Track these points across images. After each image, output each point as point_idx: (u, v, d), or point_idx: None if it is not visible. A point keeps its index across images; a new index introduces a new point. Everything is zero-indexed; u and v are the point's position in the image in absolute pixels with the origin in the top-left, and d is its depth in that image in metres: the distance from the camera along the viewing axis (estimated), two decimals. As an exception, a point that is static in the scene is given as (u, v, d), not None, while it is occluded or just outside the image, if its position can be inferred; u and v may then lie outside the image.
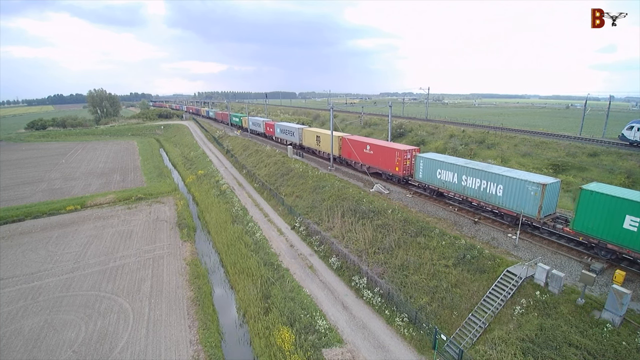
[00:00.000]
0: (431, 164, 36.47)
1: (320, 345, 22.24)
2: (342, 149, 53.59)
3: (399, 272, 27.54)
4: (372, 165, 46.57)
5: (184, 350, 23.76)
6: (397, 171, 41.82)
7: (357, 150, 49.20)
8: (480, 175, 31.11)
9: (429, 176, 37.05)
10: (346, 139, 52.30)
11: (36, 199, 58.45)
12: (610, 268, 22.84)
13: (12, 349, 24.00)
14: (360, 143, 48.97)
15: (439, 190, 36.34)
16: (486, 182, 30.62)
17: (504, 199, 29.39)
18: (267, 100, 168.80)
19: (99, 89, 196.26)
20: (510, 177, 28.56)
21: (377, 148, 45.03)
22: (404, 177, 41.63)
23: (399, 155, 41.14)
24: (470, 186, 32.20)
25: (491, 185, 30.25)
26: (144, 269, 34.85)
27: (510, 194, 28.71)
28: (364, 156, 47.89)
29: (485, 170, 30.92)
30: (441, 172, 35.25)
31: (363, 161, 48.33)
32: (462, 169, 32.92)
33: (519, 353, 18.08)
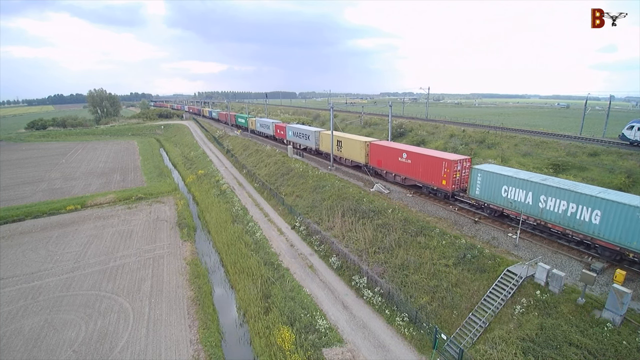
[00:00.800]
0: (494, 178, 30.21)
1: (321, 344, 22.23)
2: (370, 157, 47.38)
3: (399, 271, 27.53)
4: (410, 176, 40.08)
5: (184, 349, 23.75)
6: (444, 185, 35.41)
7: (389, 158, 43.29)
8: (567, 196, 25.02)
9: (489, 193, 30.78)
10: (375, 144, 46.53)
11: (36, 198, 58.46)
12: (611, 267, 22.84)
13: (12, 348, 23.99)
14: (394, 150, 42.36)
15: (504, 211, 30.07)
16: (575, 205, 24.61)
17: (601, 228, 23.32)
18: (267, 100, 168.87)
19: (99, 89, 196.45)
20: (612, 201, 22.56)
21: (418, 157, 38.65)
22: (452, 192, 35.23)
23: (447, 166, 34.69)
24: (552, 209, 26.14)
25: (583, 210, 24.20)
26: (144, 268, 34.84)
27: (612, 221, 22.76)
28: (399, 166, 41.47)
29: (574, 190, 24.73)
30: (508, 190, 28.95)
31: (397, 171, 41.99)
32: (540, 187, 26.71)
33: (520, 352, 18.07)
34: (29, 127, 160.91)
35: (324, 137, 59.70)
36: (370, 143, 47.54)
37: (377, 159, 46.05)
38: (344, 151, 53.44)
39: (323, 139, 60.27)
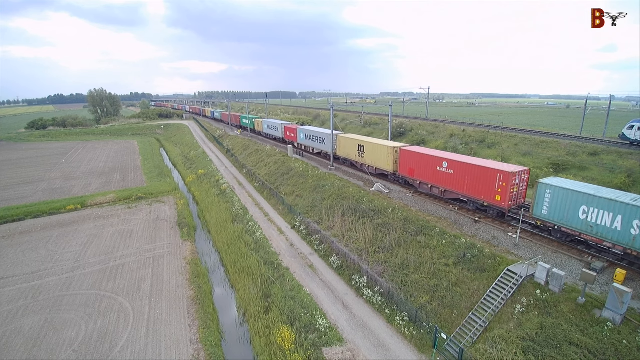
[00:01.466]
0: (568, 196, 24.89)
1: (321, 344, 22.23)
2: (400, 165, 41.68)
3: (399, 271, 27.52)
4: (452, 189, 34.79)
5: (184, 349, 23.76)
6: (498, 201, 30.02)
7: (425, 167, 37.66)
8: None
9: (561, 214, 25.47)
10: (407, 151, 40.58)
11: (36, 198, 58.47)
12: (611, 267, 22.82)
13: (12, 348, 24.01)
14: (431, 158, 36.84)
15: (580, 236, 24.81)
16: None
17: None
18: (267, 100, 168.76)
19: (99, 89, 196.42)
20: None
21: (463, 167, 33.07)
22: (509, 209, 29.97)
23: (503, 179, 29.22)
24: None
25: None
26: (144, 268, 34.84)
27: None
28: (437, 176, 36.10)
29: None
30: (588, 211, 23.72)
31: (435, 182, 36.54)
32: (633, 210, 21.39)
33: (520, 352, 18.06)
34: (29, 127, 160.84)
35: (343, 142, 53.83)
36: (400, 149, 41.53)
37: (409, 168, 40.15)
38: (367, 157, 47.62)
39: (342, 143, 54.30)
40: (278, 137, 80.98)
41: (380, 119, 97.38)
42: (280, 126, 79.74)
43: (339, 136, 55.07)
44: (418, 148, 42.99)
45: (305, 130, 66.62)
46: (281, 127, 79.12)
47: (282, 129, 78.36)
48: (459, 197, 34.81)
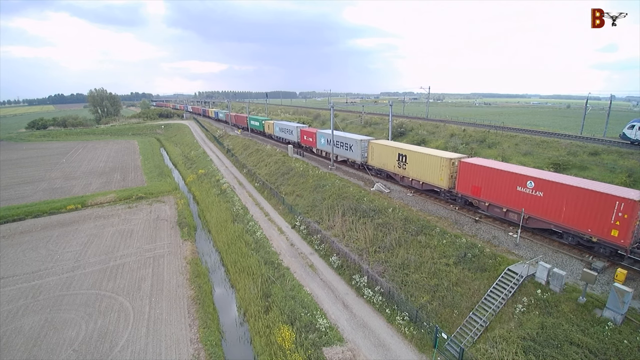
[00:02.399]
0: None
1: (321, 343, 22.20)
2: (459, 181, 33.74)
3: (400, 270, 27.49)
4: (541, 216, 26.96)
5: (185, 348, 23.74)
6: (615, 237, 22.53)
7: (498, 185, 29.80)
8: None
9: None
10: (469, 164, 32.45)
11: (37, 198, 58.48)
12: (612, 267, 22.78)
13: (13, 347, 24.00)
14: (508, 175, 28.87)
15: None
16: None
17: None
18: (268, 100, 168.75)
19: (100, 89, 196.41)
20: None
21: (560, 189, 25.42)
22: (630, 248, 22.46)
23: (625, 209, 21.75)
24: None
25: None
26: (144, 267, 34.84)
27: None
28: (518, 199, 28.12)
29: None
30: None
31: (514, 206, 28.54)
32: None
33: (520, 351, 18.03)
34: (30, 126, 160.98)
35: (378, 150, 45.92)
36: (460, 161, 33.57)
37: (473, 185, 32.28)
38: (411, 169, 40.02)
39: (375, 151, 46.45)
40: (293, 142, 72.81)
41: (380, 118, 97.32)
42: (295, 129, 71.41)
43: (372, 143, 47.45)
44: (486, 161, 34.22)
45: (328, 135, 58.10)
46: (297, 130, 70.95)
47: (298, 133, 70.29)
48: (550, 226, 26.78)
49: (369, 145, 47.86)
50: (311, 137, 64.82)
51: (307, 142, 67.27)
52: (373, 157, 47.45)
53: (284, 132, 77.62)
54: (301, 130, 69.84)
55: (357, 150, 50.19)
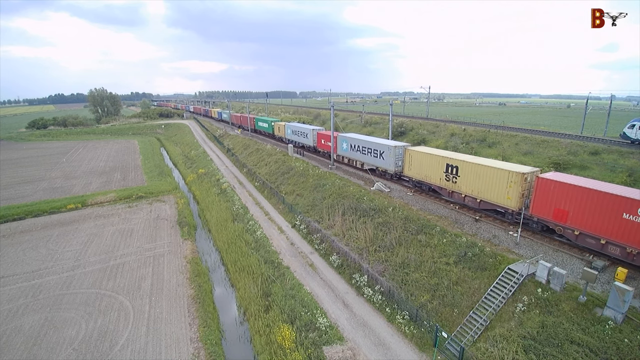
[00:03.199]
0: None
1: (321, 342, 22.18)
2: (535, 201, 27.18)
3: (400, 270, 27.46)
4: None
5: (185, 347, 23.72)
6: None
7: (596, 210, 23.34)
8: None
9: None
10: (549, 180, 26.02)
11: (37, 197, 58.47)
12: (612, 266, 22.75)
13: (12, 346, 23.97)
14: (612, 198, 22.43)
15: None
16: None
17: None
18: (268, 100, 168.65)
19: (100, 89, 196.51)
20: None
21: None
22: None
23: None
24: None
25: None
26: (144, 267, 34.82)
27: None
28: (624, 228, 21.91)
29: None
30: None
31: (621, 239, 22.29)
32: None
33: (521, 350, 18.00)
34: (30, 126, 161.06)
35: (418, 158, 38.89)
36: (537, 177, 26.92)
37: (555, 207, 25.73)
38: (463, 183, 33.31)
39: (415, 160, 39.31)
40: (309, 146, 67.39)
41: (380, 118, 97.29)
42: (310, 132, 65.09)
43: (410, 150, 40.15)
44: (574, 178, 27.01)
45: (352, 140, 51.67)
46: (312, 133, 64.60)
47: (314, 136, 64.32)
48: None
49: (406, 152, 40.74)
50: (330, 141, 57.39)
51: (324, 147, 60.63)
52: (411, 166, 40.08)
53: (298, 135, 70.87)
54: (318, 133, 63.52)
55: (389, 158, 43.38)
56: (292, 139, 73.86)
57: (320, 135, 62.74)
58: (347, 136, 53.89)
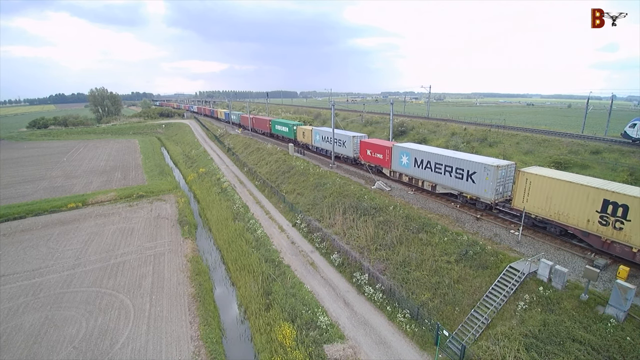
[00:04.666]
0: None
1: (322, 341, 22.15)
2: None
3: (401, 268, 27.41)
4: None
5: (185, 346, 23.69)
6: None
7: None
8: None
9: None
10: None
11: (37, 196, 58.49)
12: (614, 264, 22.67)
13: (13, 344, 23.96)
14: None
15: None
16: None
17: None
18: (269, 100, 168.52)
19: (101, 88, 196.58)
20: None
21: None
22: None
23: None
24: None
25: None
26: (145, 265, 34.79)
27: None
28: None
29: None
30: None
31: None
32: None
33: (522, 349, 17.92)
34: (31, 126, 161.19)
35: (539, 184, 26.48)
36: None
37: None
38: (637, 231, 21.54)
39: (534, 186, 26.83)
40: (345, 157, 54.82)
41: (381, 117, 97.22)
42: (350, 140, 51.85)
43: (526, 174, 27.32)
44: None
45: (418, 153, 38.37)
46: (353, 141, 51.38)
47: (356, 146, 51.26)
48: None
49: (520, 176, 27.76)
50: (381, 152, 44.53)
51: (373, 160, 47.04)
52: (529, 196, 27.26)
53: (331, 143, 56.20)
54: (362, 142, 49.61)
55: (486, 182, 30.85)
56: (322, 147, 61.48)
57: (365, 145, 48.73)
58: (410, 148, 40.09)
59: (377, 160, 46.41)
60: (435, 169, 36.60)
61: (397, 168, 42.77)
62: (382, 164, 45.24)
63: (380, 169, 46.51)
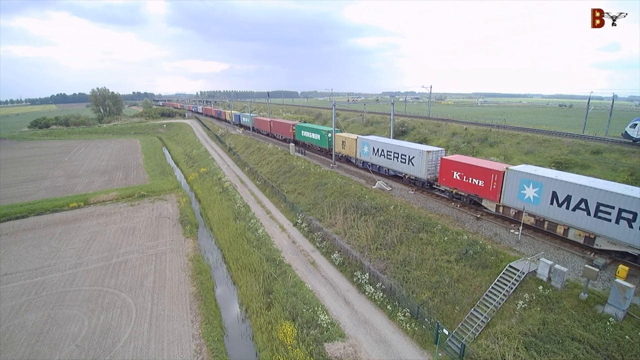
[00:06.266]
0: None
1: (323, 339, 22.27)
2: None
3: (401, 267, 27.53)
4: None
5: (187, 344, 23.85)
6: None
7: None
8: None
9: None
10: None
11: (39, 196, 58.74)
12: (613, 263, 22.76)
13: (16, 342, 24.15)
14: None
15: None
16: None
17: None
18: (269, 100, 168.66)
19: (102, 88, 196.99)
20: None
21: None
22: None
23: None
24: None
25: None
26: (146, 264, 34.97)
27: None
28: None
29: None
30: None
31: None
32: None
33: (522, 347, 18.04)
34: (32, 125, 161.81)
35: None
36: None
37: None
38: None
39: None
40: (412, 177, 40.34)
41: (382, 117, 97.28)
42: (422, 157, 37.83)
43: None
44: None
45: (559, 184, 25.68)
46: (426, 158, 37.29)
47: (431, 163, 37.47)
48: None
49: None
50: (484, 177, 31.14)
51: (465, 187, 33.25)
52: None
53: (390, 159, 43.08)
54: (443, 159, 35.36)
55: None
56: (375, 163, 46.42)
57: (449, 165, 34.44)
58: (537, 174, 27.32)
59: (467, 187, 33.21)
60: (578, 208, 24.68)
61: (513, 203, 29.12)
62: (488, 194, 31.15)
63: (477, 200, 32.92)
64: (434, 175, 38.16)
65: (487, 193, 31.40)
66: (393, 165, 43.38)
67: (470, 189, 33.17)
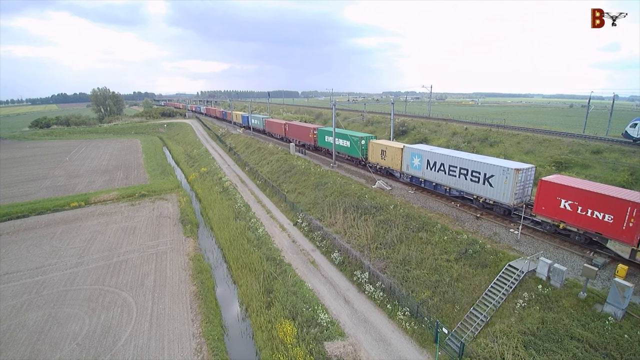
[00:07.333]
0: None
1: (322, 338, 22.34)
2: None
3: (401, 266, 27.59)
4: None
5: (187, 343, 23.93)
6: None
7: None
8: None
9: None
10: None
11: (40, 195, 58.86)
12: (613, 262, 22.79)
13: (17, 341, 24.24)
14: None
15: None
16: None
17: None
18: (270, 99, 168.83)
19: (103, 88, 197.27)
20: None
21: None
22: None
23: None
24: None
25: None
26: (147, 263, 35.05)
27: None
28: None
29: None
30: None
31: None
32: None
33: (521, 346, 18.10)
34: (33, 125, 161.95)
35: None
36: None
37: None
38: None
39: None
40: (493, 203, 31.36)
41: (382, 117, 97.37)
42: (506, 174, 29.41)
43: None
44: None
45: None
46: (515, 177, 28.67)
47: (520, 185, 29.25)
48: None
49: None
50: (614, 210, 22.30)
51: (584, 223, 24.10)
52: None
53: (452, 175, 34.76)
54: (544, 182, 26.29)
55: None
56: (428, 179, 38.01)
57: (553, 189, 25.70)
58: None
59: (595, 225, 23.56)
60: None
61: None
62: (614, 233, 22.55)
63: (600, 240, 23.72)
64: (521, 199, 29.84)
65: (618, 233, 22.29)
66: (458, 184, 34.23)
67: (588, 225, 23.99)
